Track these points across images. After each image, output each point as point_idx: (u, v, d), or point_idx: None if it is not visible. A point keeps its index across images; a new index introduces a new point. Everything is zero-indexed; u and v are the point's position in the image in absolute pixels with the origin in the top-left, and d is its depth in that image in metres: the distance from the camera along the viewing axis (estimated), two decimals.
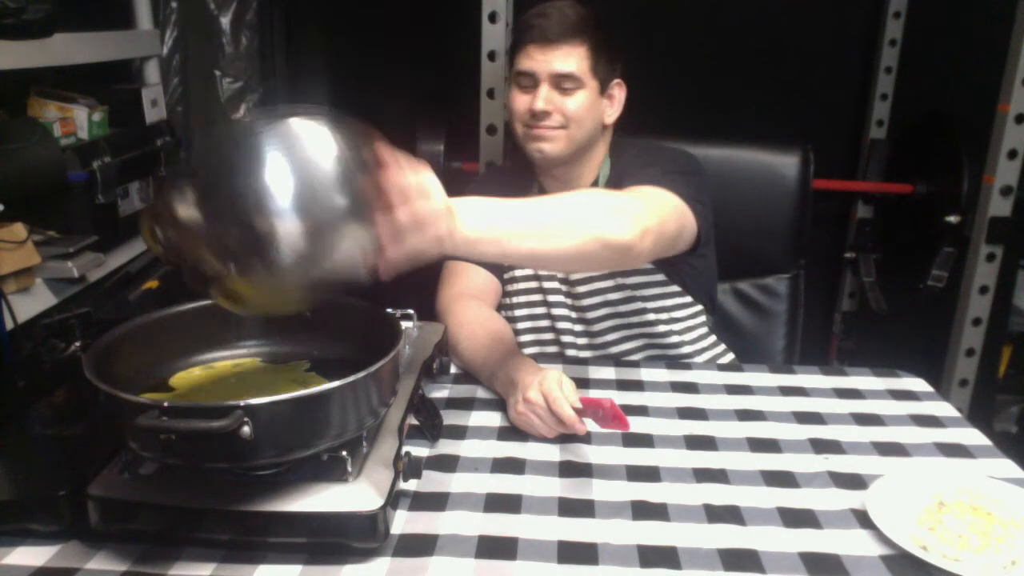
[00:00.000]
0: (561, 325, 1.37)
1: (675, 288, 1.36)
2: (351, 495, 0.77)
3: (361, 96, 2.52)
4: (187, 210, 0.71)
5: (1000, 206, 1.93)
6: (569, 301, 1.36)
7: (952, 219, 2.14)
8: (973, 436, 1.05)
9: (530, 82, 1.27)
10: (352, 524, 0.76)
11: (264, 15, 2.39)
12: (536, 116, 1.27)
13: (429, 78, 2.47)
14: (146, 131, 1.78)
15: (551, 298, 1.36)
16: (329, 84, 2.54)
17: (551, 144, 1.28)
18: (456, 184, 2.36)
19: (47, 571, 0.76)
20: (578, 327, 1.37)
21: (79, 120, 1.57)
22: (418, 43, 2.47)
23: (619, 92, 1.33)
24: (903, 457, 1.00)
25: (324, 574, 0.76)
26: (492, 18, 1.86)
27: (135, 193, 1.69)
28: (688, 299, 1.38)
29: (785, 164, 1.58)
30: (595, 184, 1.36)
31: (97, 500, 0.77)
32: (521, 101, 1.29)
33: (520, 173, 1.41)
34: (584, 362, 1.28)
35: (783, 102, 2.39)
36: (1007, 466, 0.99)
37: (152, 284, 1.74)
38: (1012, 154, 1.89)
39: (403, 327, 0.90)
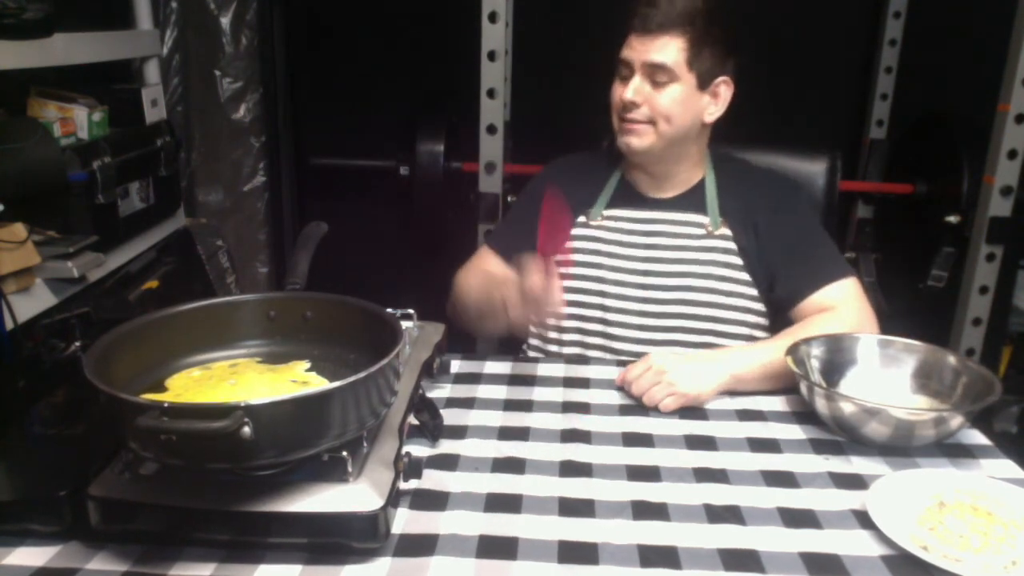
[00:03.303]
0: (613, 317, 1.35)
1: (760, 307, 1.35)
2: (351, 495, 0.77)
3: (361, 96, 2.52)
4: None
5: (1000, 206, 1.93)
6: (639, 293, 1.34)
7: (952, 219, 2.15)
8: (973, 436, 1.05)
9: (628, 71, 1.27)
10: (352, 524, 0.76)
11: (264, 15, 2.39)
12: (625, 107, 1.26)
13: (429, 78, 2.48)
14: (146, 131, 1.78)
15: (611, 289, 1.35)
16: (329, 84, 2.54)
17: (638, 138, 1.28)
18: (462, 183, 2.36)
19: (47, 571, 0.76)
20: (636, 320, 1.34)
21: (79, 120, 1.56)
22: (418, 43, 2.47)
23: (725, 90, 1.31)
24: (903, 457, 0.99)
25: (324, 574, 0.76)
26: (492, 18, 1.86)
27: (135, 193, 1.69)
28: (764, 321, 1.36)
29: (812, 170, 1.53)
30: (701, 190, 1.35)
31: (97, 500, 0.77)
32: (616, 91, 1.29)
33: (603, 161, 1.42)
34: (586, 361, 1.28)
35: (783, 102, 2.39)
36: (1007, 466, 0.99)
37: (152, 284, 1.74)
38: (1012, 154, 1.89)
39: (403, 327, 0.90)
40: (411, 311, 1.15)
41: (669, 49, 1.23)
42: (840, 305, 1.25)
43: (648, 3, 1.25)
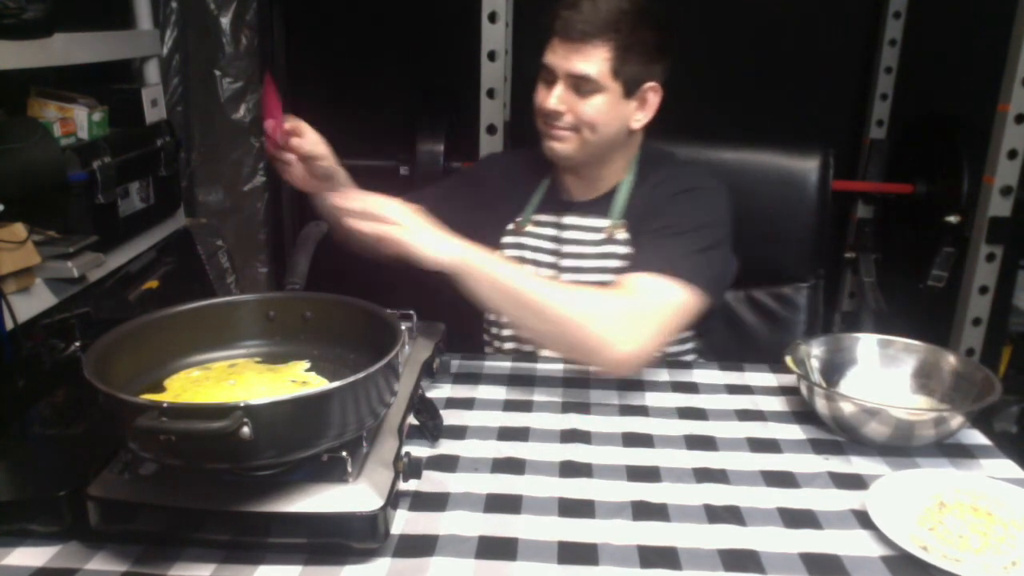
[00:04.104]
0: None
1: None
2: (351, 495, 0.77)
3: (361, 96, 2.52)
4: None
5: (1000, 206, 1.93)
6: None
7: (952, 219, 2.15)
8: (973, 436, 1.05)
9: (551, 77, 1.22)
10: (352, 524, 0.76)
11: (264, 15, 2.39)
12: (549, 114, 1.23)
13: (429, 78, 2.48)
14: (146, 131, 1.78)
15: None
16: (329, 84, 2.54)
17: (562, 144, 1.25)
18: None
19: (47, 572, 0.76)
20: None
21: (79, 120, 1.56)
22: (418, 43, 2.47)
23: (653, 96, 1.25)
24: (903, 457, 1.00)
25: (324, 575, 0.76)
26: (492, 18, 1.86)
27: (135, 193, 1.69)
28: None
29: (804, 168, 1.50)
30: (615, 193, 1.30)
31: (97, 501, 0.77)
32: (540, 95, 1.25)
33: (535, 163, 1.35)
34: None
35: (783, 102, 2.40)
36: (1007, 466, 0.99)
37: (152, 284, 1.75)
38: (1012, 154, 1.89)
39: (403, 327, 0.90)
40: (411, 311, 1.15)
41: (593, 58, 1.18)
42: (636, 292, 1.12)
43: (570, 6, 1.19)
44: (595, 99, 1.20)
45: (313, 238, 1.15)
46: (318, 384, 0.88)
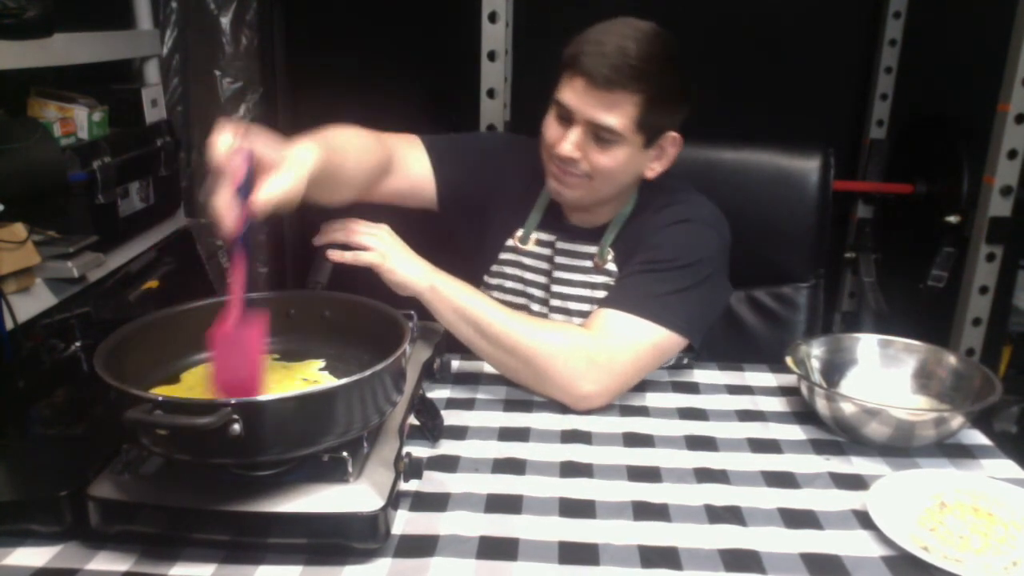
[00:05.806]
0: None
1: None
2: (351, 496, 0.77)
3: (361, 96, 2.52)
4: None
5: (1000, 206, 1.93)
6: (545, 309, 1.31)
7: (952, 219, 2.15)
8: (973, 436, 1.06)
9: (568, 116, 1.12)
10: (353, 525, 0.76)
11: (264, 15, 2.39)
12: (562, 158, 1.14)
13: (429, 78, 2.48)
14: (146, 131, 1.78)
15: (533, 306, 1.32)
16: (329, 84, 2.54)
17: (570, 191, 1.17)
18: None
19: (47, 572, 0.76)
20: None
21: (79, 120, 1.56)
22: (418, 43, 2.47)
23: (672, 148, 1.18)
24: (904, 457, 0.99)
25: (324, 575, 0.76)
26: (492, 18, 1.86)
27: (135, 193, 1.69)
28: None
29: (805, 168, 1.49)
30: (612, 221, 1.23)
31: (97, 501, 0.77)
32: (552, 131, 1.15)
33: (539, 170, 1.24)
34: None
35: (782, 102, 2.39)
36: (1007, 466, 0.99)
37: (152, 284, 1.75)
38: (1012, 154, 1.89)
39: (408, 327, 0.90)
40: (411, 311, 1.15)
41: (618, 110, 1.09)
42: (605, 332, 1.10)
43: (596, 45, 1.08)
44: (615, 151, 1.12)
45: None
46: (325, 384, 0.88)
